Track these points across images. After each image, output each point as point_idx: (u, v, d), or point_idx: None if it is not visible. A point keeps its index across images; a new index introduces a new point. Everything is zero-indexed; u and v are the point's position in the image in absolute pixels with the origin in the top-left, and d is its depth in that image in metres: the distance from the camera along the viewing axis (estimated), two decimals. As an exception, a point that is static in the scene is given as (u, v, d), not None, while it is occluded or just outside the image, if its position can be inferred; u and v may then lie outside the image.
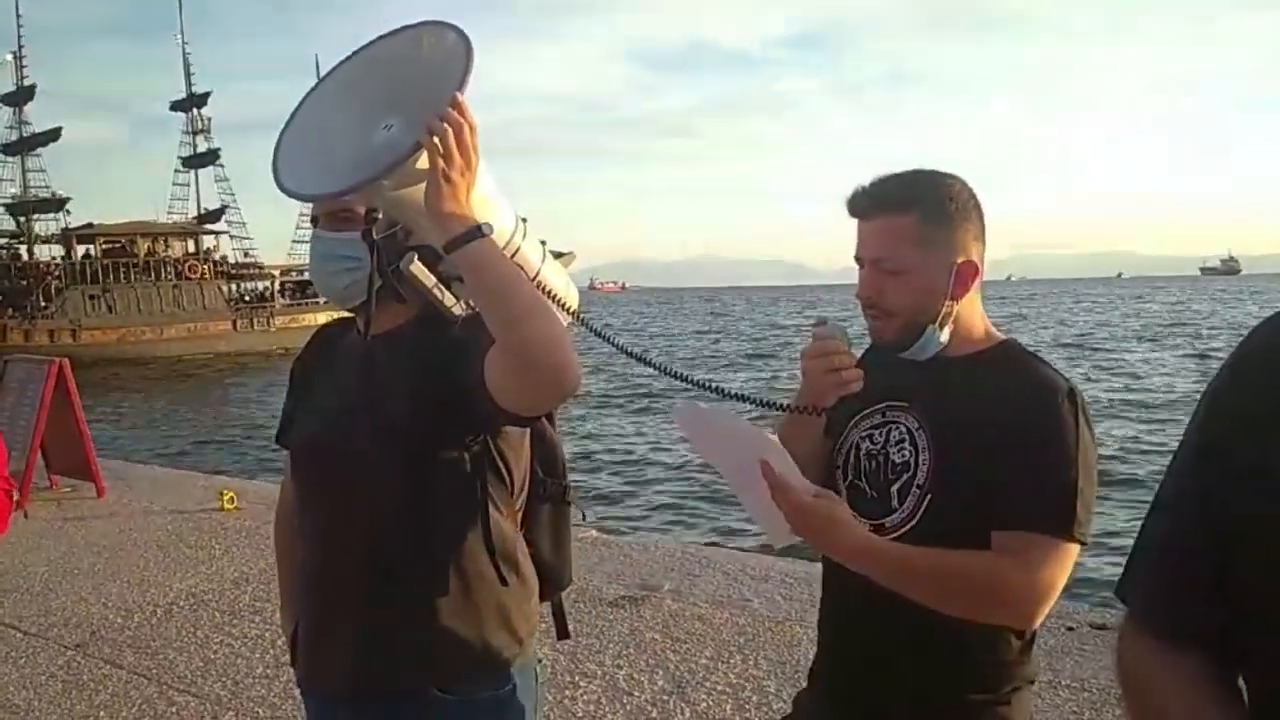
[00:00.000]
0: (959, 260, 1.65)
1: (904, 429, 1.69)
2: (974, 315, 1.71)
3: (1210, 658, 1.01)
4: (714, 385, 1.83)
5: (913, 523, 1.62)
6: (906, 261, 1.64)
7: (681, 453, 13.45)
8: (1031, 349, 1.73)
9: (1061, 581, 1.53)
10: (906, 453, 1.66)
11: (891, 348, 1.71)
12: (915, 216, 1.63)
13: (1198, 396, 1.11)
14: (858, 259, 1.70)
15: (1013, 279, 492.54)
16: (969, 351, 1.70)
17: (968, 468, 1.58)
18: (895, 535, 1.62)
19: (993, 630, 1.63)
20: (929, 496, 1.62)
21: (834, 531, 1.48)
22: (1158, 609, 1.06)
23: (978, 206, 1.69)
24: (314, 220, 1.81)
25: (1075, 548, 1.54)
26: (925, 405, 1.68)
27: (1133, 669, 1.08)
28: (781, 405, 1.78)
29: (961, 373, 1.67)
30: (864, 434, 1.74)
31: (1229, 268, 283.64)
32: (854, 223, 1.70)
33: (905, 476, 1.65)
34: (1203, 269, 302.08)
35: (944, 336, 1.68)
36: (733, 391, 1.85)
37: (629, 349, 1.79)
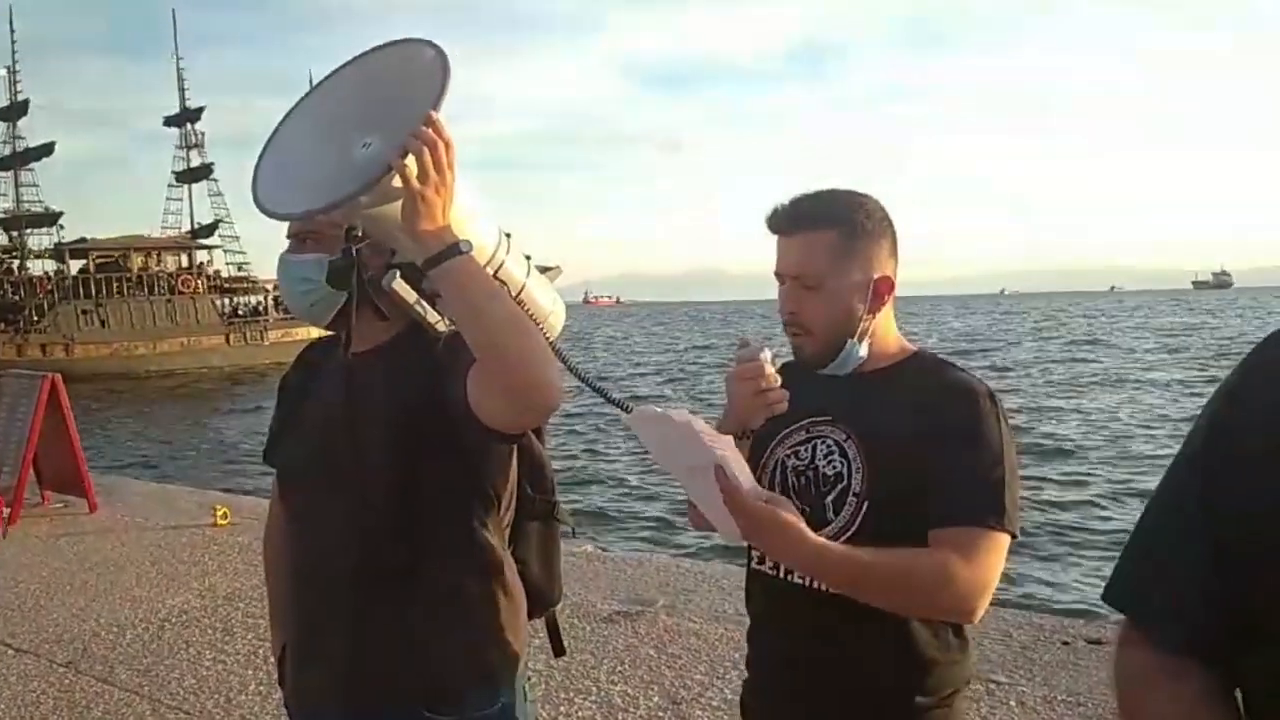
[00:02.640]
0: (875, 276, 1.71)
1: (831, 442, 1.72)
2: (888, 329, 1.77)
3: (1211, 673, 1.01)
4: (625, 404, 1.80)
5: (851, 530, 1.63)
6: (826, 276, 1.68)
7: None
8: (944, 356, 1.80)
9: (998, 573, 1.58)
10: (838, 464, 1.69)
11: (812, 363, 1.75)
12: (834, 233, 1.68)
13: None
14: (778, 275, 1.75)
15: (1005, 292, 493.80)
16: (885, 364, 1.75)
17: (901, 473, 1.62)
18: None
19: (933, 634, 1.67)
20: (866, 504, 1.64)
21: (785, 536, 1.48)
22: (1160, 622, 1.06)
23: (890, 224, 1.74)
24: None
25: (1008, 539, 1.59)
26: (850, 417, 1.71)
27: (1131, 682, 1.08)
28: None
29: (881, 384, 1.73)
30: (789, 451, 1.77)
31: (1221, 281, 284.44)
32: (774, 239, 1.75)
33: (840, 487, 1.68)
34: (1195, 282, 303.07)
35: (863, 351, 1.73)
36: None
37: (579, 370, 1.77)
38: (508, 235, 1.77)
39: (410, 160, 1.43)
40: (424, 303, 1.71)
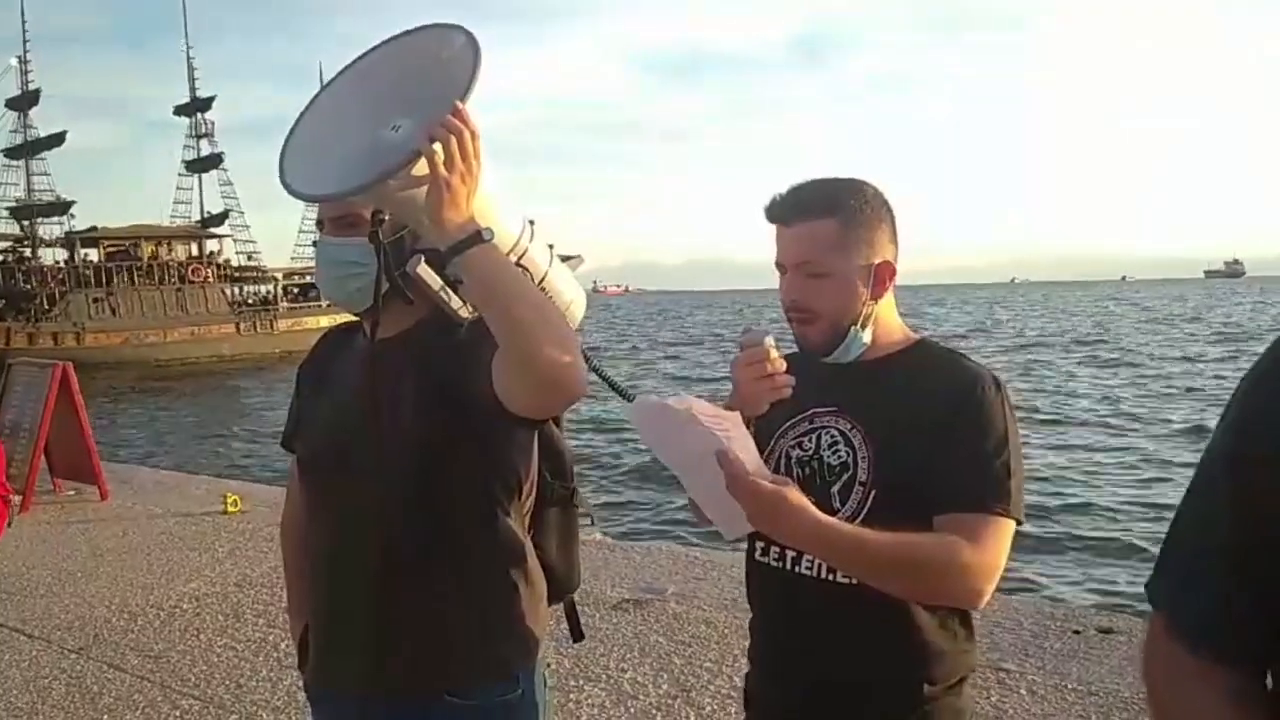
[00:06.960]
0: (877, 261, 1.70)
1: (835, 432, 1.71)
2: (891, 315, 1.76)
3: (1244, 673, 0.99)
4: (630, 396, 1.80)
5: (859, 520, 1.62)
6: (829, 264, 1.68)
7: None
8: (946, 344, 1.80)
9: (1004, 559, 1.57)
10: (843, 454, 1.69)
11: (817, 351, 1.74)
12: (836, 220, 1.67)
13: None
14: (779, 265, 1.74)
15: (1016, 281, 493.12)
16: (889, 351, 1.75)
17: (907, 462, 1.62)
18: None
19: (939, 623, 1.67)
20: (873, 492, 1.64)
21: (791, 516, 1.47)
22: (1194, 622, 1.02)
23: (890, 209, 1.73)
24: (320, 225, 1.80)
25: (1013, 525, 1.59)
26: (855, 407, 1.71)
27: (1164, 679, 1.05)
28: None
29: (886, 371, 1.72)
30: (793, 442, 1.76)
31: (1233, 270, 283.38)
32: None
33: (845, 476, 1.67)
34: (1207, 271, 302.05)
35: (867, 337, 1.72)
36: None
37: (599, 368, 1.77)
38: (531, 223, 1.77)
39: (437, 147, 1.43)
40: (448, 289, 1.70)
